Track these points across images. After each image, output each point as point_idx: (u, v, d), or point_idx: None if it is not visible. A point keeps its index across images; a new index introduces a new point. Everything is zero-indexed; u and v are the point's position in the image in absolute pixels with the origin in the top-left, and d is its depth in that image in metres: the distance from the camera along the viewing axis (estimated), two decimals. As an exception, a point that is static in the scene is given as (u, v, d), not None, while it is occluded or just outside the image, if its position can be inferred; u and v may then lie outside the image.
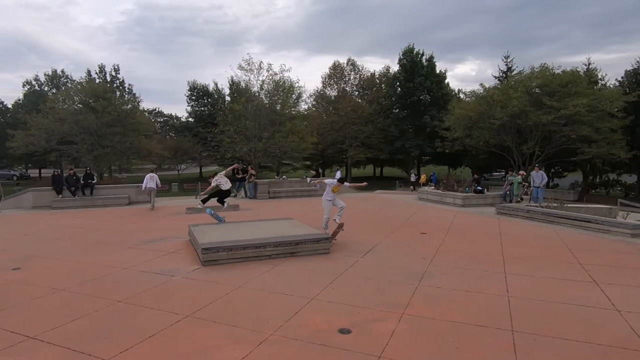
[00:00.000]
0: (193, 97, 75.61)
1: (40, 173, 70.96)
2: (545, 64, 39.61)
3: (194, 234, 12.37)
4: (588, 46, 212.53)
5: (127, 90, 66.12)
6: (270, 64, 50.56)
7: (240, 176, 27.93)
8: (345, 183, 13.99)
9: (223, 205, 16.05)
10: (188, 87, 75.82)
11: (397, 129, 59.60)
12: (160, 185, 23.77)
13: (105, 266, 10.52)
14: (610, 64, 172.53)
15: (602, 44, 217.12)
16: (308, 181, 28.14)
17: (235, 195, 27.72)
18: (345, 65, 67.42)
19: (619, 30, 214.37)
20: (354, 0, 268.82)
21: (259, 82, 48.73)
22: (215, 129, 53.31)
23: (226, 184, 15.50)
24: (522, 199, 22.33)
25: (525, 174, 22.92)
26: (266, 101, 49.11)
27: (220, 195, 15.66)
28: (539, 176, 22.63)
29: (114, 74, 65.97)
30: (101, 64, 66.56)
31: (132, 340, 6.17)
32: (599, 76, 45.48)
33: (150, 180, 23.86)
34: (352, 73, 67.62)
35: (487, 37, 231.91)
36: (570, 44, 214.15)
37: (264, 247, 11.16)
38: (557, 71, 38.21)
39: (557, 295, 8.16)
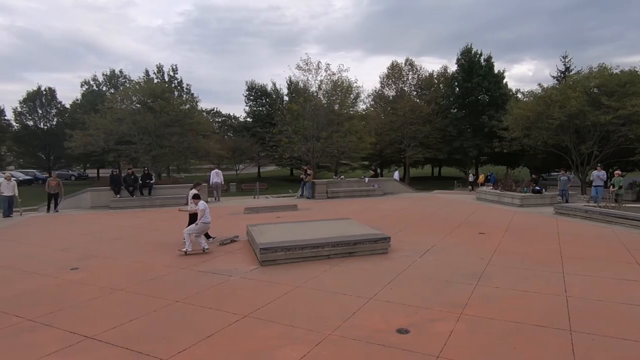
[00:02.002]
0: (251, 97, 75.58)
1: (98, 173, 71.50)
2: (603, 63, 39.18)
3: (252, 234, 12.47)
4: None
5: (185, 90, 66.36)
6: (328, 64, 50.33)
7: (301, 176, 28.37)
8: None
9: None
10: (246, 87, 75.87)
11: (455, 129, 59.15)
12: (223, 182, 24.14)
13: (163, 266, 10.67)
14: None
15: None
16: (366, 181, 28.13)
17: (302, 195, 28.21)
18: (403, 65, 66.79)
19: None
20: (410, 1, 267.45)
21: (317, 82, 48.45)
22: (274, 128, 52.77)
23: None
24: (616, 200, 21.39)
25: (620, 173, 22.23)
26: (324, 101, 48.76)
27: None
28: (599, 175, 22.11)
29: (172, 74, 66.30)
30: (159, 64, 66.93)
31: (191, 340, 6.24)
32: (658, 75, 44.20)
33: (216, 175, 24.36)
34: (410, 73, 66.87)
35: (542, 37, 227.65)
36: (625, 45, 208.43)
37: (322, 247, 11.18)
38: (615, 71, 37.71)
39: (615, 295, 8.05)
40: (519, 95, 56.51)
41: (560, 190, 23.74)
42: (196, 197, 12.95)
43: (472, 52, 60.93)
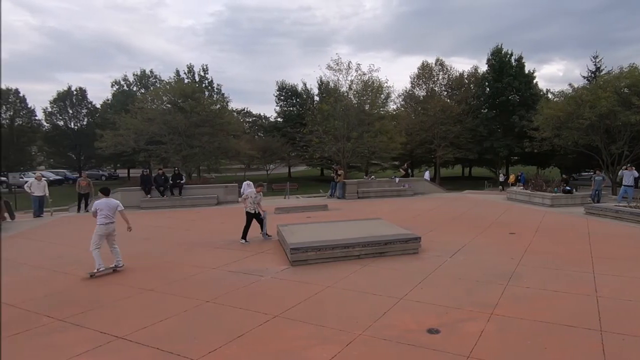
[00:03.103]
0: (282, 97, 75.59)
1: (129, 173, 72.11)
2: (634, 63, 38.50)
3: (282, 234, 12.52)
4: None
5: (215, 90, 66.42)
6: (358, 64, 49.89)
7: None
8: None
9: None
10: (277, 87, 75.86)
11: (486, 129, 58.87)
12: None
13: (193, 266, 10.73)
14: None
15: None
16: (397, 181, 28.02)
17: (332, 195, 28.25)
18: (433, 65, 66.42)
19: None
20: (439, 2, 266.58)
21: (347, 82, 48.20)
22: (304, 129, 52.65)
23: None
24: None
25: None
26: (355, 101, 48.45)
27: None
28: (629, 175, 21.80)
29: (202, 74, 66.45)
30: (190, 64, 66.95)
31: (221, 340, 6.27)
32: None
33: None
34: (441, 73, 66.45)
35: (571, 38, 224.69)
36: None
37: (353, 247, 11.19)
38: (646, 71, 36.65)
39: (646, 295, 8.03)
40: (550, 96, 55.83)
41: (594, 190, 23.44)
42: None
43: (503, 52, 60.60)
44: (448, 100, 63.38)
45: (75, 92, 67.20)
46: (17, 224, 18.63)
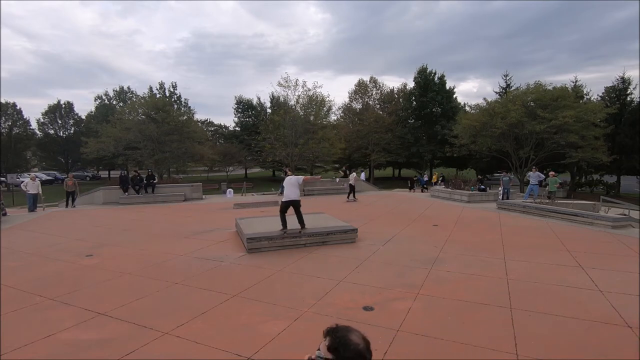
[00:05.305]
0: (239, 110, 74.98)
1: (109, 174, 71.56)
2: (538, 81, 39.33)
3: (240, 226, 12.50)
4: (571, 68, 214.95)
5: (183, 103, 66.12)
6: (304, 82, 50.24)
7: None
8: None
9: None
10: (235, 101, 75.33)
11: (413, 137, 58.79)
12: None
13: (164, 253, 10.63)
14: (590, 82, 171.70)
15: (583, 66, 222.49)
16: (337, 181, 28.10)
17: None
18: (368, 82, 66.67)
19: (596, 54, 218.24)
20: (373, 30, 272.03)
21: (295, 96, 48.24)
22: (258, 136, 52.80)
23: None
24: (549, 197, 21.78)
25: (554, 173, 22.44)
26: (301, 113, 48.37)
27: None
28: (535, 176, 22.36)
29: (172, 90, 66.07)
30: (161, 81, 67.12)
31: (188, 316, 6.28)
32: (584, 92, 45.09)
33: (229, 193, 24.43)
34: (374, 89, 66.56)
35: (484, 60, 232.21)
36: (555, 66, 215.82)
37: (300, 237, 11.23)
38: (548, 87, 37.82)
39: (549, 277, 8.12)
40: (467, 108, 56.90)
41: (503, 189, 23.77)
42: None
43: (427, 71, 60.65)
44: (381, 112, 63.15)
45: (63, 106, 66.71)
46: (14, 218, 18.34)
